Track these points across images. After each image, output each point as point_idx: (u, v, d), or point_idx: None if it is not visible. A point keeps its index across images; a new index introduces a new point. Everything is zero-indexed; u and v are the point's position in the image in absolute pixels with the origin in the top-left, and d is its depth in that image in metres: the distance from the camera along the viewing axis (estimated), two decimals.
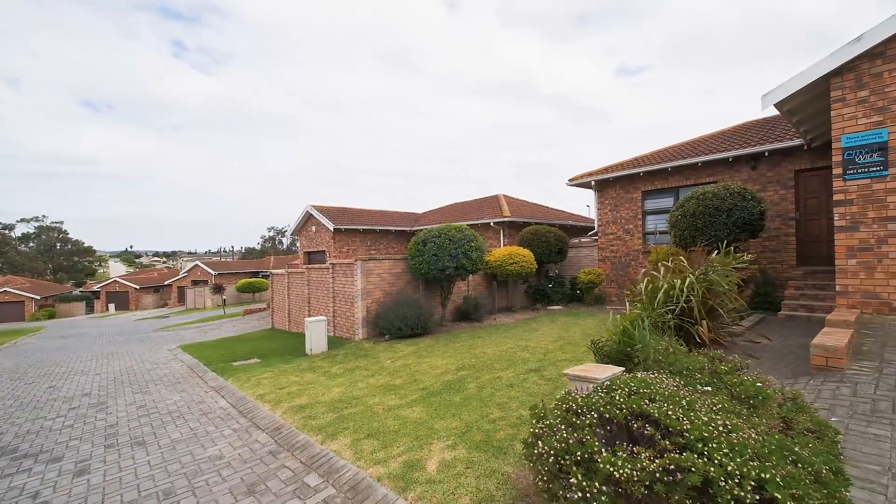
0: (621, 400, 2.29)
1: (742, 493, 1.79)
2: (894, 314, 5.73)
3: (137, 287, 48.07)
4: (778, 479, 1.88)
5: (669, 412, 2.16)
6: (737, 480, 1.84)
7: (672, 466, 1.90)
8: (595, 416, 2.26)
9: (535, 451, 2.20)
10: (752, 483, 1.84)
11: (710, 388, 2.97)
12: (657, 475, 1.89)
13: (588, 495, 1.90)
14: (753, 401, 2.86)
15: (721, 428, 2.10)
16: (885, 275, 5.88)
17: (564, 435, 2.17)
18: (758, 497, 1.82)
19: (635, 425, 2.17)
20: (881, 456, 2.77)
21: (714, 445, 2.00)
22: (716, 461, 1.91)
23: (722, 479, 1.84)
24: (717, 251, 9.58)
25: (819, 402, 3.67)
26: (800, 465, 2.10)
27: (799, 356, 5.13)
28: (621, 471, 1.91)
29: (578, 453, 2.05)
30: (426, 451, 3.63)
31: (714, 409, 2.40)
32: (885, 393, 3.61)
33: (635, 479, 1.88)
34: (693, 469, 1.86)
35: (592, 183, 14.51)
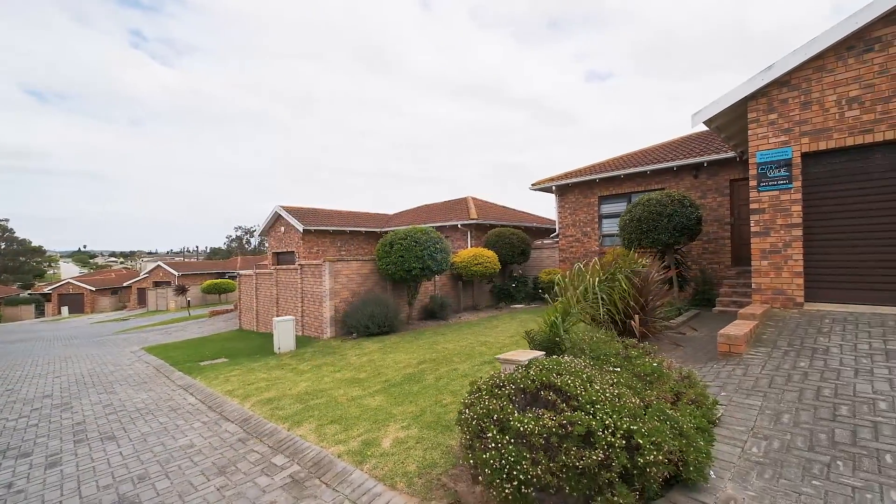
0: (534, 375, 2.83)
1: (613, 440, 2.36)
2: (796, 308, 6.62)
3: (93, 289, 45.87)
4: (643, 431, 2.46)
5: (570, 383, 2.71)
6: (611, 431, 2.40)
7: (565, 422, 2.44)
8: (513, 387, 2.78)
9: (463, 417, 2.71)
10: (623, 433, 2.41)
11: (619, 369, 3.57)
12: (553, 429, 2.43)
13: (499, 446, 2.42)
14: (650, 378, 3.48)
15: (608, 395, 2.67)
16: (789, 274, 6.78)
17: (486, 402, 2.68)
18: (625, 443, 2.39)
19: (543, 394, 2.71)
20: (748, 420, 3.44)
21: (600, 407, 2.56)
22: (598, 418, 2.47)
23: (600, 430, 2.40)
24: (660, 252, 10.53)
25: (716, 380, 4.37)
26: (667, 423, 2.70)
27: (717, 345, 5.89)
28: (527, 426, 2.44)
29: (496, 416, 2.57)
30: (383, 432, 4.08)
31: (611, 382, 2.97)
32: (767, 372, 4.34)
33: (536, 432, 2.41)
34: (580, 423, 2.41)
35: (553, 188, 15.31)
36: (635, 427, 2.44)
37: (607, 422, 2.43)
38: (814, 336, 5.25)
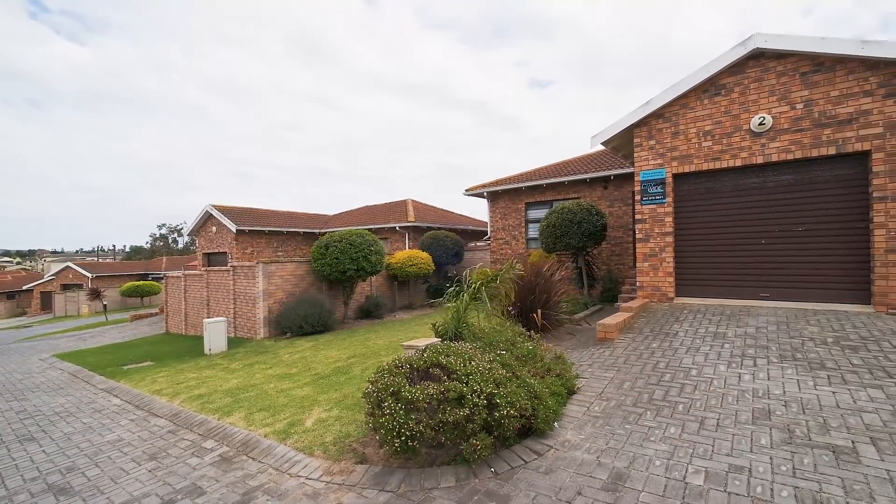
0: (427, 356, 3.56)
1: (478, 401, 3.14)
2: (668, 302, 8.02)
3: None
4: (502, 394, 3.27)
5: (452, 362, 3.47)
6: (477, 395, 3.19)
7: (444, 390, 3.19)
8: (409, 367, 3.50)
9: (367, 391, 3.38)
10: (485, 396, 3.21)
11: (504, 352, 4.41)
12: (435, 396, 3.17)
13: (392, 412, 3.11)
14: (526, 358, 4.36)
15: (481, 369, 3.46)
16: (664, 274, 8.18)
17: (386, 379, 3.36)
18: (486, 402, 3.19)
19: (432, 371, 3.44)
20: (599, 388, 4.43)
21: (472, 378, 3.34)
22: (469, 386, 3.24)
23: (469, 394, 3.18)
24: (573, 254, 11.87)
25: (589, 360, 5.39)
26: (524, 388, 3.54)
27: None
28: (414, 395, 3.15)
29: (392, 389, 3.26)
30: (307, 415, 4.63)
31: (489, 360, 3.78)
32: (626, 352, 5.45)
33: (421, 398, 3.14)
34: (453, 390, 3.17)
35: (485, 193, 16.38)
36: (496, 391, 3.25)
37: (476, 388, 3.21)
38: (671, 324, 6.53)
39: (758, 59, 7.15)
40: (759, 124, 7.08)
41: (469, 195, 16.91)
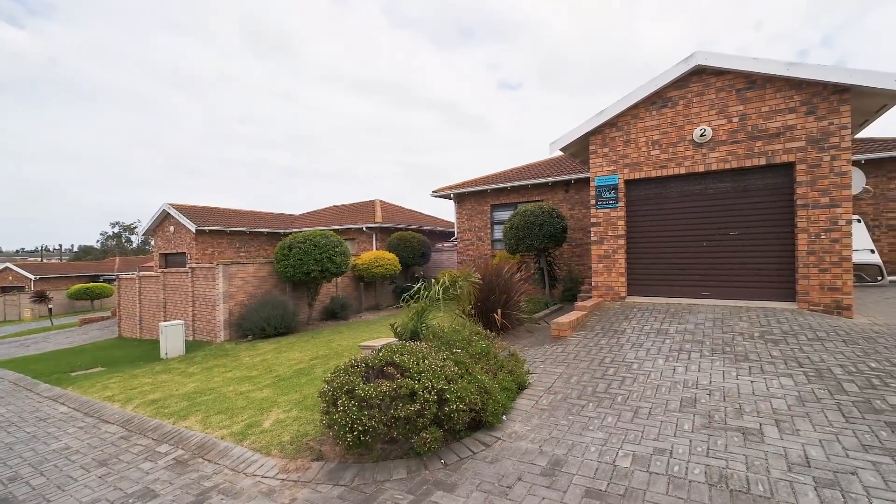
0: (382, 355, 3.70)
1: (428, 397, 3.31)
2: (620, 301, 8.49)
3: None
4: (453, 389, 3.46)
5: (406, 360, 3.63)
6: (428, 391, 3.36)
7: (396, 387, 3.35)
8: (364, 366, 3.63)
9: (323, 390, 3.49)
10: (436, 392, 3.39)
11: (459, 350, 4.61)
12: (388, 393, 3.32)
13: (346, 409, 3.24)
14: (480, 356, 4.58)
15: (433, 367, 3.64)
16: (617, 274, 8.65)
17: (342, 378, 3.49)
18: (437, 398, 3.37)
19: (387, 369, 3.59)
20: (549, 382, 4.71)
21: (425, 375, 3.51)
22: (421, 382, 3.41)
23: (421, 391, 3.35)
24: (535, 255, 12.27)
25: (542, 356, 5.68)
26: (475, 384, 3.75)
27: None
28: (367, 392, 3.29)
29: (346, 387, 3.38)
30: (265, 416, 4.66)
31: (442, 359, 3.96)
32: (576, 349, 5.78)
33: (374, 395, 3.28)
34: (405, 387, 3.33)
35: (452, 195, 16.61)
36: (447, 387, 3.44)
37: (427, 385, 3.39)
38: (620, 321, 6.95)
39: (700, 75, 7.71)
40: (701, 135, 7.64)
41: (436, 197, 17.11)
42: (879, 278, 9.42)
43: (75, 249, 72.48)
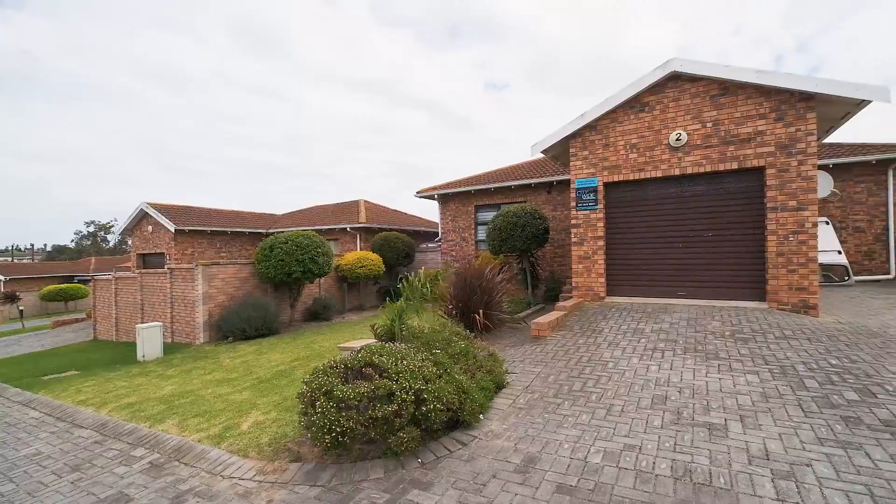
0: (360, 356, 3.73)
1: (406, 397, 3.36)
2: (599, 301, 8.66)
3: None
4: (430, 389, 3.51)
5: (385, 361, 3.67)
6: (405, 391, 3.41)
7: (374, 388, 3.38)
8: (343, 367, 3.65)
9: (301, 391, 3.50)
10: (414, 392, 3.43)
11: (439, 351, 4.66)
12: (366, 393, 3.35)
13: (324, 410, 3.26)
14: (459, 356, 4.64)
15: (411, 367, 3.69)
16: (596, 275, 8.82)
17: (320, 379, 3.50)
18: (414, 398, 3.42)
19: (365, 370, 3.63)
20: (527, 382, 4.80)
21: (403, 376, 3.55)
22: (399, 383, 3.46)
23: (398, 391, 3.39)
24: (518, 256, 12.41)
25: (522, 356, 5.77)
26: (452, 384, 3.81)
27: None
28: (345, 393, 3.32)
29: (325, 388, 3.41)
30: (244, 418, 4.64)
31: (420, 359, 4.01)
32: (555, 348, 5.89)
33: (352, 396, 3.31)
34: (383, 388, 3.37)
35: (436, 196, 16.66)
36: (424, 388, 3.49)
37: (405, 385, 3.43)
38: (599, 321, 7.10)
39: (675, 81, 7.92)
40: (677, 139, 7.85)
41: (420, 197, 17.13)
42: (846, 278, 9.83)
43: (48, 249, 70.18)
